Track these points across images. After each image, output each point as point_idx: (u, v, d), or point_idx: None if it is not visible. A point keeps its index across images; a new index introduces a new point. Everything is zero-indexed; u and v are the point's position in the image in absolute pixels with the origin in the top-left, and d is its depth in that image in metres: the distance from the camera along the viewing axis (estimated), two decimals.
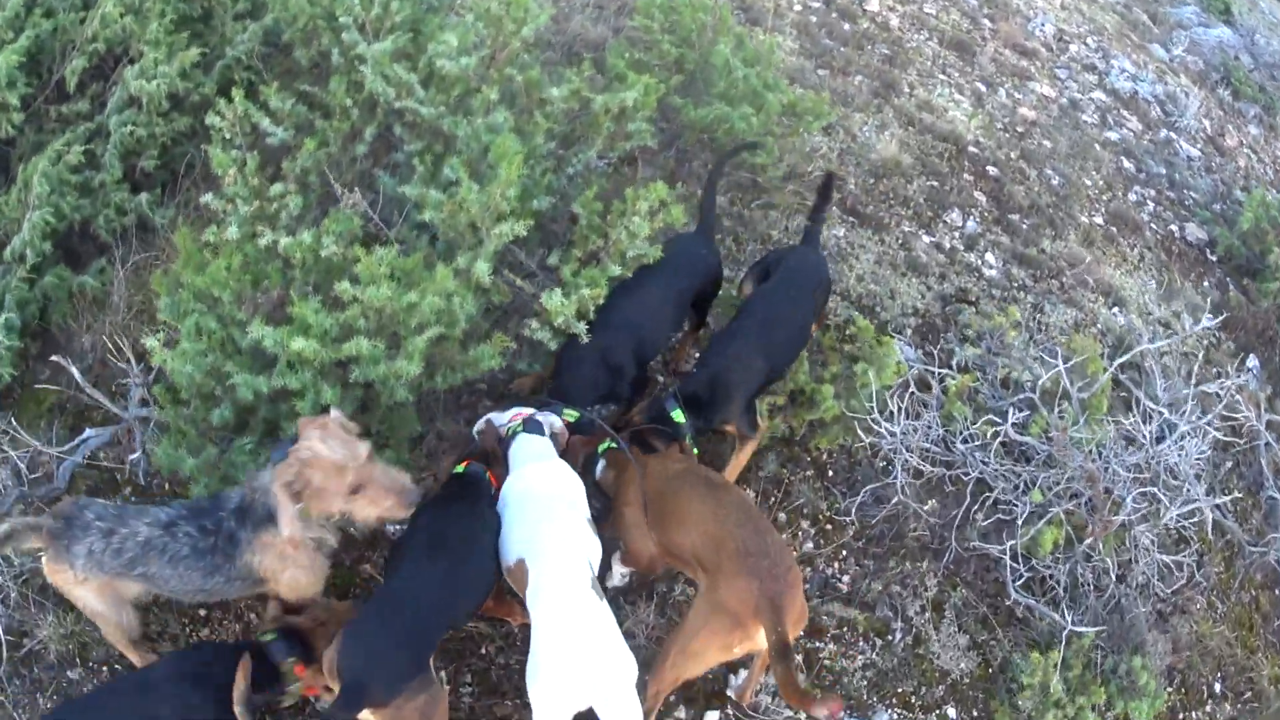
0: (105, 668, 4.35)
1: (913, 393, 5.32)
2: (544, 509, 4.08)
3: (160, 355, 4.23)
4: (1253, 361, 7.12)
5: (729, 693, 4.62)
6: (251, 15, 5.85)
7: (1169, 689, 5.16)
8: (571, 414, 4.59)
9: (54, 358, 4.82)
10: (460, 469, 4.28)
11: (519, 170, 4.49)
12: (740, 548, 3.93)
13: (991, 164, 7.84)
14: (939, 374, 5.63)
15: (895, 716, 4.76)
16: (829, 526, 5.30)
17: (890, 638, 5.00)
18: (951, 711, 4.85)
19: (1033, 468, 5.33)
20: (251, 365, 4.29)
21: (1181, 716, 5.20)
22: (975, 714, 4.87)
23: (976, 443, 5.41)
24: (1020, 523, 5.14)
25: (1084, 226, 7.65)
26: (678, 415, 4.73)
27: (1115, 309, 7.05)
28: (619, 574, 4.72)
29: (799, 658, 4.74)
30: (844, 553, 5.24)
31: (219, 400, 4.36)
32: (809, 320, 5.24)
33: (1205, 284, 7.80)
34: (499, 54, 5.58)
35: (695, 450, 4.76)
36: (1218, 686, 5.39)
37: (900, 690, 4.84)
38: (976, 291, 6.71)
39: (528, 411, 4.46)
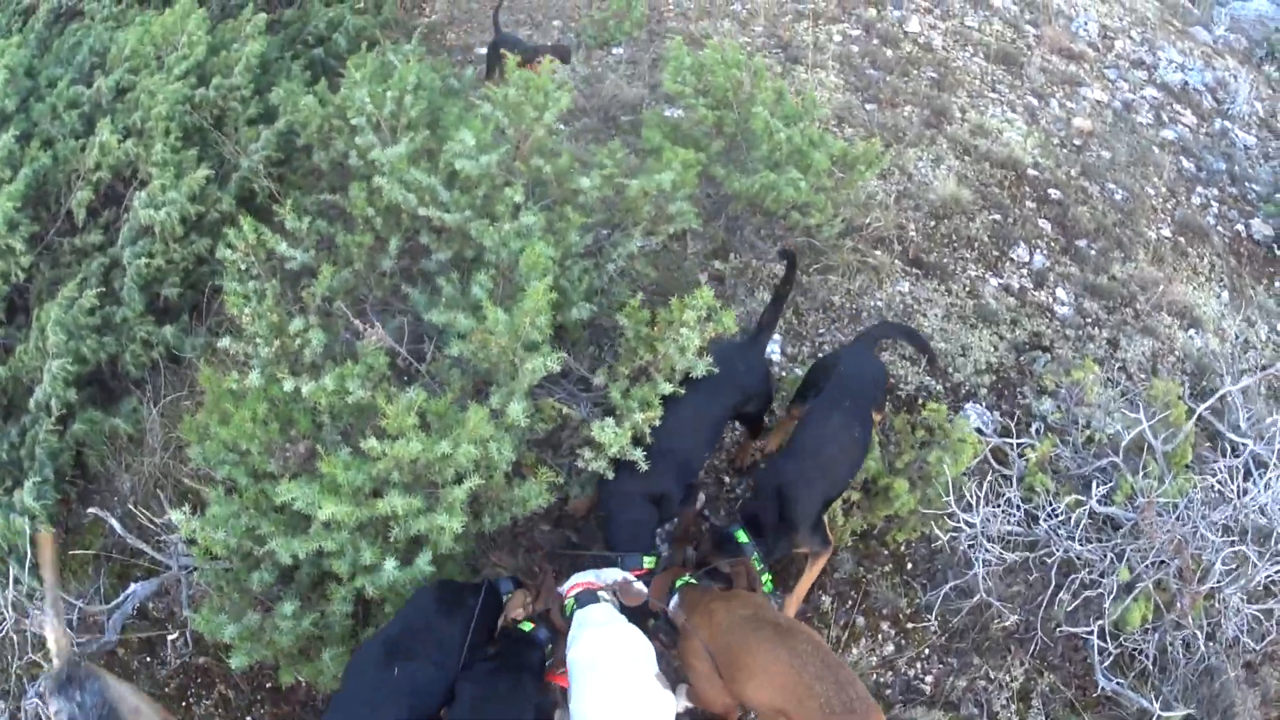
0: None
1: (991, 477, 4.77)
2: (608, 678, 3.69)
3: (188, 528, 3.89)
4: None
5: None
6: (264, 119, 5.41)
7: None
8: (650, 561, 4.39)
9: (91, 510, 4.46)
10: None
11: (547, 295, 4.05)
12: (824, 704, 3.54)
13: (1052, 185, 7.24)
14: (1017, 445, 5.05)
15: None
16: (910, 625, 4.81)
17: None
18: None
19: (1119, 539, 4.79)
20: (287, 525, 3.92)
21: None
22: None
23: (1059, 518, 4.84)
24: (1108, 601, 4.63)
25: (1151, 242, 7.05)
26: (741, 536, 4.35)
27: (1191, 331, 6.48)
28: (684, 705, 4.26)
29: None
30: (926, 652, 4.77)
31: (258, 561, 3.97)
32: (867, 433, 4.73)
33: (1277, 284, 7.25)
34: (523, 144, 5.10)
35: (762, 571, 4.34)
36: None
37: None
38: (1050, 334, 6.14)
39: (584, 582, 4.11)
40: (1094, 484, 4.93)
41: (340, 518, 3.69)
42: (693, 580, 4.33)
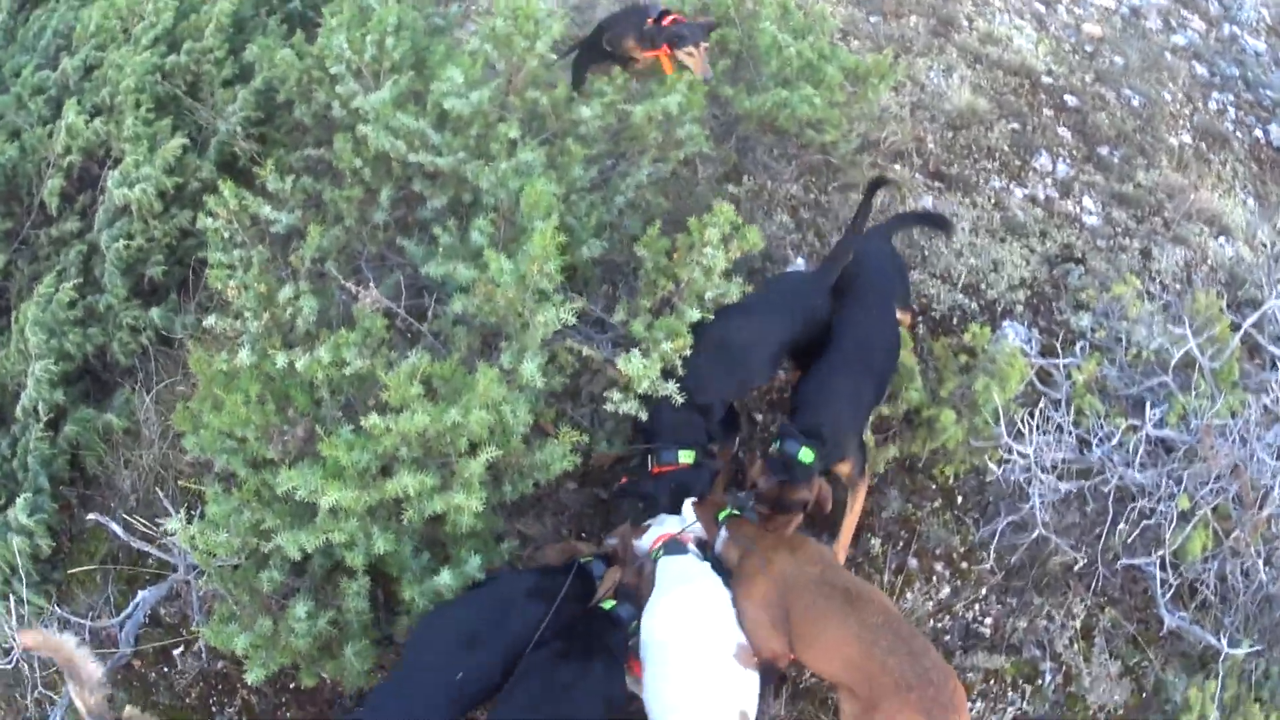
0: None
1: (1041, 404, 4.38)
2: (685, 663, 3.38)
3: (185, 535, 3.47)
4: None
5: None
6: (241, 79, 4.95)
7: None
8: (688, 454, 4.03)
9: (91, 516, 4.07)
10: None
11: (554, 237, 3.60)
12: (899, 681, 3.22)
13: (1068, 92, 6.77)
14: (1063, 366, 4.66)
15: None
16: (965, 564, 4.44)
17: (1040, 681, 4.24)
18: None
19: (1174, 464, 4.41)
20: (293, 516, 3.49)
21: None
22: None
23: (1113, 443, 4.46)
24: (1168, 530, 4.25)
25: (1173, 149, 6.60)
26: (806, 456, 3.90)
27: (1222, 239, 6.06)
28: None
29: None
30: (983, 591, 4.40)
31: (266, 558, 3.57)
32: (896, 323, 4.48)
33: None
34: (515, 77, 4.65)
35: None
36: None
37: None
38: (1081, 246, 5.72)
39: (670, 530, 3.77)
40: (1146, 405, 4.58)
41: (346, 504, 3.29)
42: (736, 512, 3.97)
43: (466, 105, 4.32)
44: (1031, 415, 4.37)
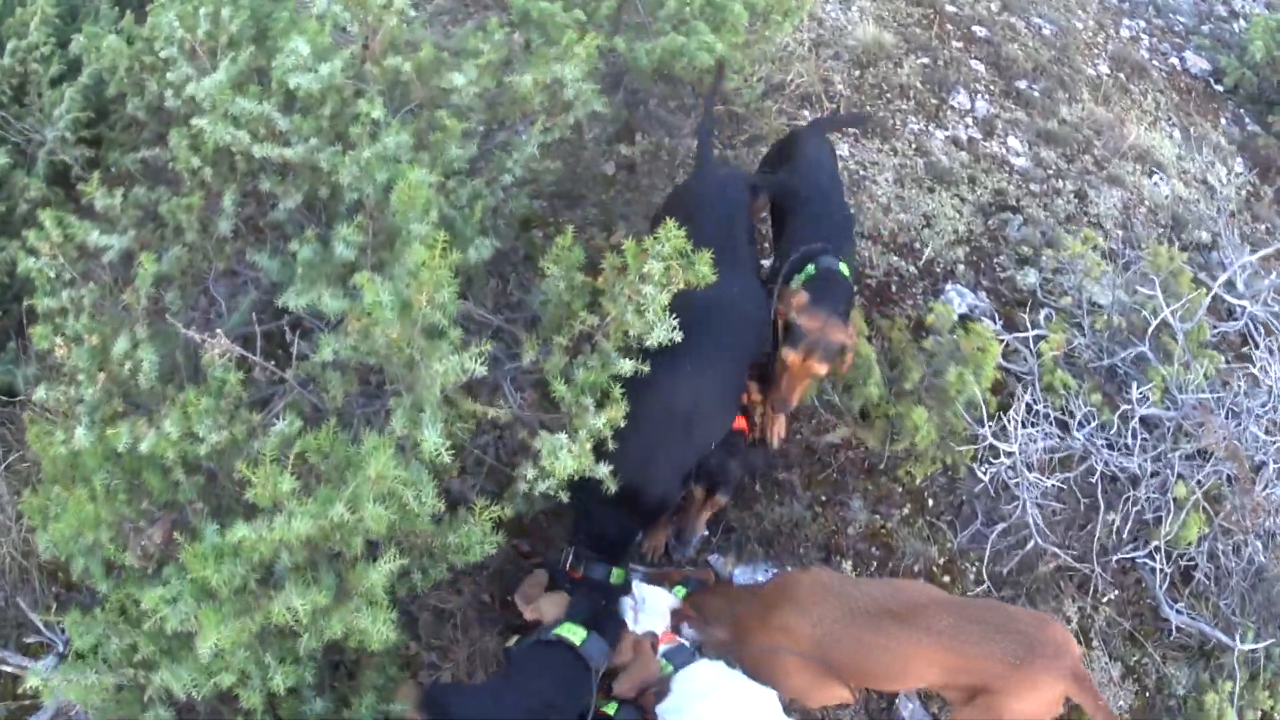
0: None
1: (1017, 391, 3.77)
2: None
3: (48, 689, 2.61)
4: None
5: None
6: (71, 75, 4.01)
7: None
8: (618, 575, 3.22)
9: None
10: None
11: (444, 251, 2.72)
12: (1009, 660, 2.92)
13: (976, 23, 6.16)
14: (1031, 340, 4.03)
15: None
16: (947, 577, 3.79)
17: None
18: None
19: (1163, 444, 3.89)
20: (170, 641, 2.61)
21: None
22: None
23: (1094, 424, 3.88)
24: (1166, 522, 3.77)
25: (1093, 80, 6.08)
26: (845, 269, 3.53)
27: (1156, 177, 5.56)
28: None
29: None
30: None
31: (149, 698, 2.71)
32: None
33: (1222, 121, 6.38)
34: (373, 43, 3.70)
35: None
36: None
37: None
38: (1014, 192, 5.14)
39: (663, 634, 3.11)
40: (1118, 377, 4.13)
41: (224, 642, 2.40)
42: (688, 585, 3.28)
43: (316, 80, 3.37)
44: (1006, 404, 3.74)
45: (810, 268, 3.48)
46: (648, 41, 4.41)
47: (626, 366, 2.98)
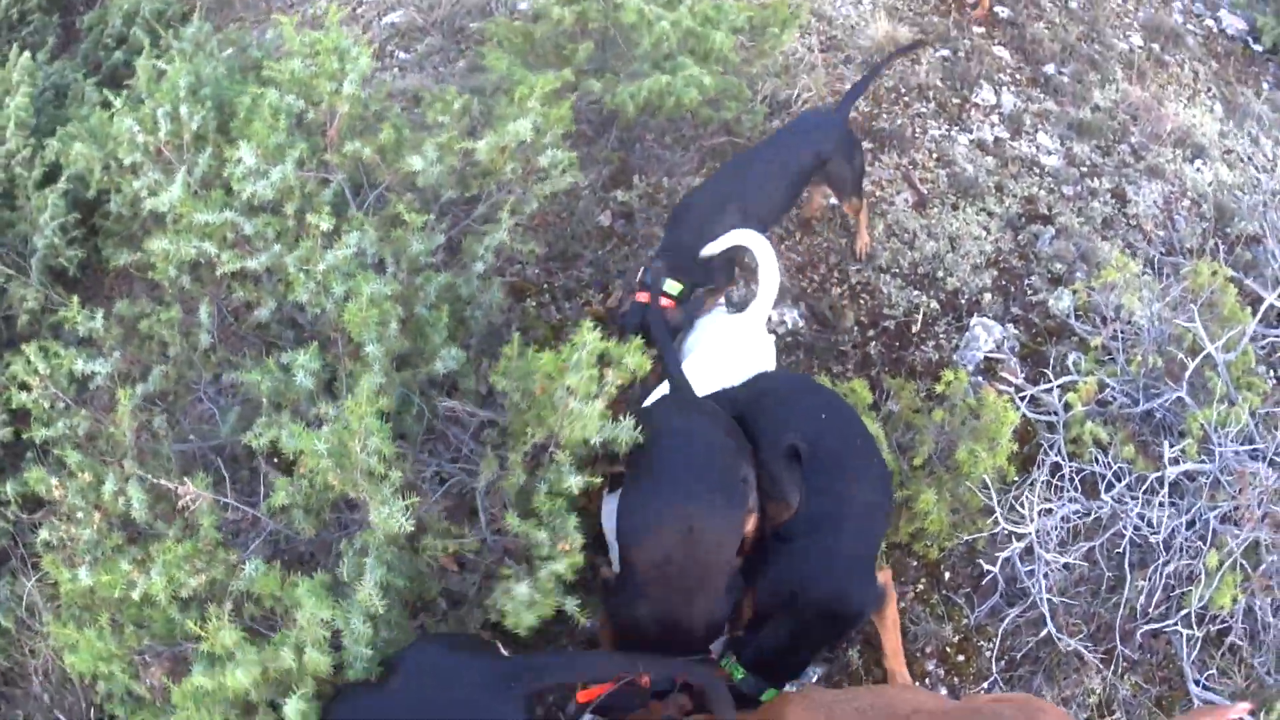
0: None
1: (1039, 457, 3.34)
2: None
3: None
4: None
5: None
6: (56, 177, 3.89)
7: None
8: (674, 287, 3.65)
9: None
10: None
11: (373, 396, 2.55)
12: None
13: (998, 2, 5.49)
14: (1056, 392, 3.60)
15: None
16: (961, 656, 3.43)
17: None
18: None
19: (1197, 503, 3.44)
20: None
21: None
22: None
23: (1123, 484, 3.47)
24: (1198, 590, 3.32)
25: (1125, 55, 5.46)
26: None
27: (1198, 163, 4.97)
28: None
29: None
30: (985, 686, 3.41)
31: None
32: None
33: (1264, 86, 5.70)
34: (331, 130, 3.37)
35: None
36: None
37: None
38: (1046, 198, 4.65)
39: None
40: (1156, 423, 3.68)
41: None
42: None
43: (268, 188, 3.12)
44: (1031, 456, 3.33)
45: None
46: (630, 84, 4.02)
47: (575, 483, 2.68)
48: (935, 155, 4.68)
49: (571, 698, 2.95)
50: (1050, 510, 3.33)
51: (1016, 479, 3.42)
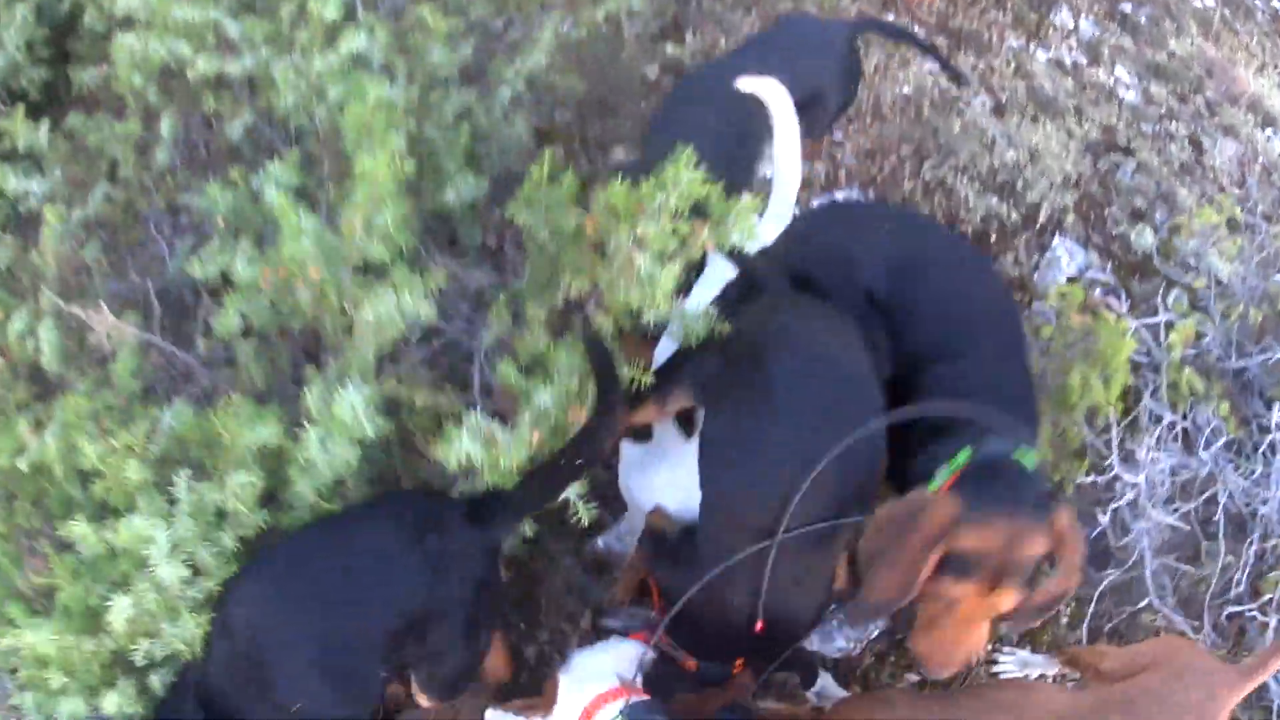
0: None
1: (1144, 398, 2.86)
2: None
3: None
4: None
5: None
6: None
7: None
8: None
9: None
10: None
11: (393, 159, 1.97)
12: None
13: None
14: (1162, 326, 3.12)
15: None
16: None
17: None
18: None
19: None
20: None
21: None
22: None
23: (1220, 443, 2.99)
24: None
25: (1199, 12, 5.01)
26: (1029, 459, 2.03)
27: (1269, 130, 4.55)
28: None
29: None
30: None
31: None
32: None
33: None
34: None
35: None
36: None
37: None
38: (1125, 131, 4.17)
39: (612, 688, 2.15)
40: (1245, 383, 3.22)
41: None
42: None
43: None
44: (1125, 415, 2.84)
45: (963, 454, 2.03)
46: None
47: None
48: (1013, 66, 4.20)
49: None
50: (1157, 461, 2.85)
51: (1113, 421, 2.94)
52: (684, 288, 2.41)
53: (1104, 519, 2.73)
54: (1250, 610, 2.96)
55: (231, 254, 2.18)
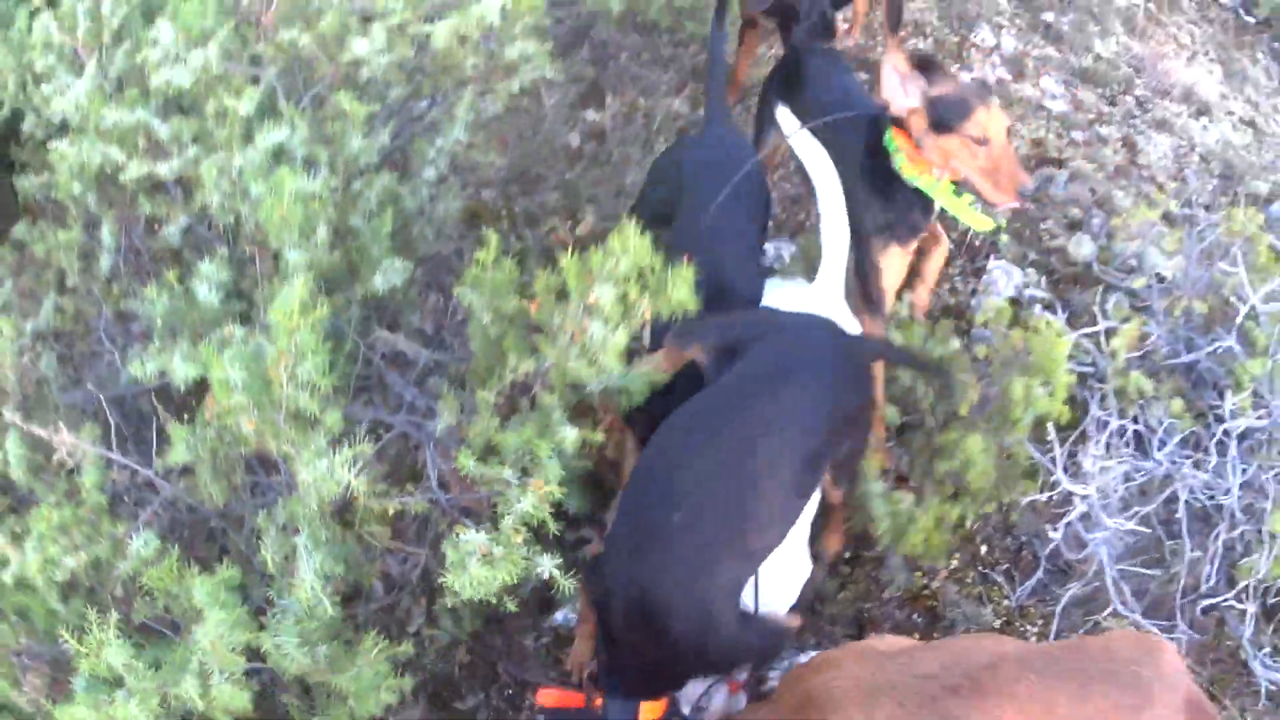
0: None
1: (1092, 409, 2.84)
2: None
3: None
4: None
5: None
6: None
7: None
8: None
9: None
10: None
11: (310, 309, 1.88)
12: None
13: None
14: (1103, 333, 3.10)
15: None
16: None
17: None
18: None
19: (1250, 457, 2.96)
20: None
21: None
22: None
23: (1174, 441, 2.98)
24: (1263, 559, 2.85)
25: (1123, 10, 5.03)
26: None
27: (1204, 120, 4.57)
28: None
29: None
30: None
31: None
32: None
33: (1259, 56, 5.35)
34: (265, 13, 2.74)
35: None
36: None
37: None
38: (1055, 141, 4.19)
39: None
40: (1197, 377, 3.18)
41: None
42: None
43: (187, 73, 2.46)
44: (1072, 427, 2.81)
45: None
46: None
47: (570, 436, 2.03)
48: None
49: None
50: (1107, 469, 2.81)
51: (1057, 436, 2.91)
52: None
53: (1055, 535, 2.69)
54: (1227, 599, 2.91)
55: (170, 354, 2.19)
